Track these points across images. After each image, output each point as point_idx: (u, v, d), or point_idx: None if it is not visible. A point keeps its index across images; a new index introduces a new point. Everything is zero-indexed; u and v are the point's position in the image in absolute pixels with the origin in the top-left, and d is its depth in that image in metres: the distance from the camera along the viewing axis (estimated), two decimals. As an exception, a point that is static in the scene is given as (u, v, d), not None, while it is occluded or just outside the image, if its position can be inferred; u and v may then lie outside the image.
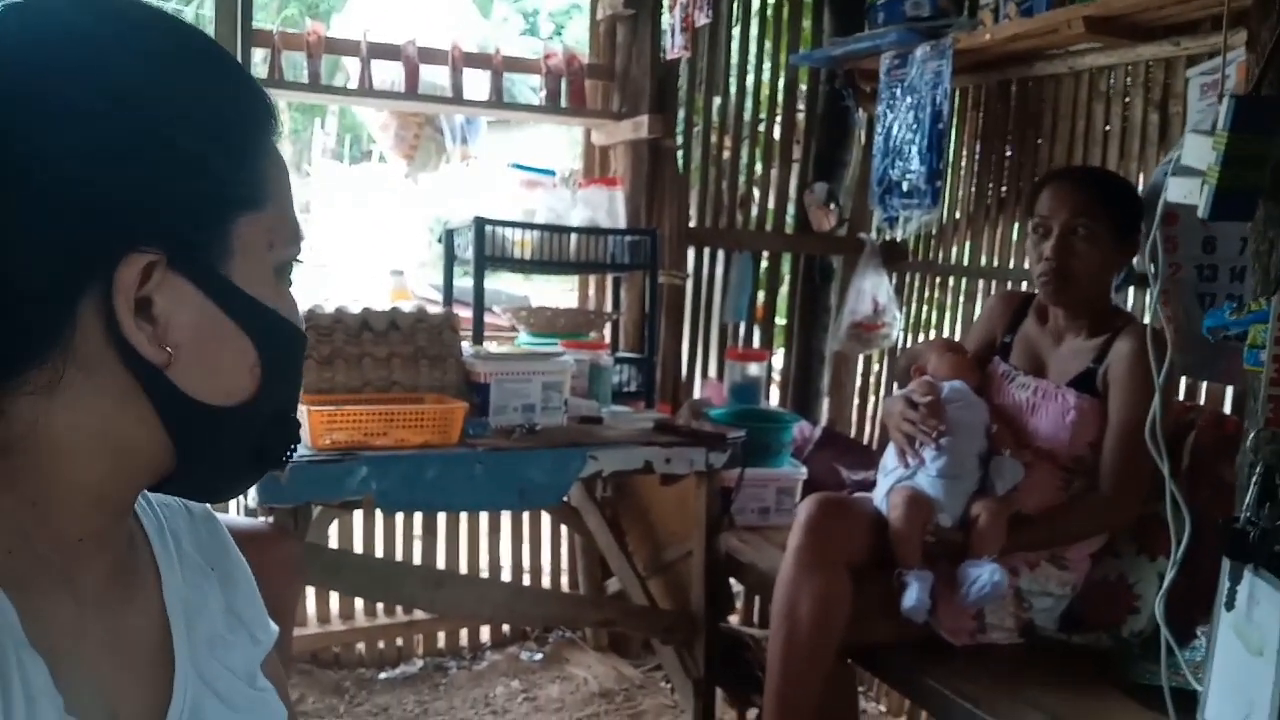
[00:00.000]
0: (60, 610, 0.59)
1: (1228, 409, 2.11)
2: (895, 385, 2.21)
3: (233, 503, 2.37)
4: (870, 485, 2.22)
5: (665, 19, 2.87)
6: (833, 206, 3.15)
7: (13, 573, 0.56)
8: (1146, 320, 1.93)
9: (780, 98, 3.21)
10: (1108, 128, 2.50)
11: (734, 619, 3.03)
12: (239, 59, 2.41)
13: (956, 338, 2.89)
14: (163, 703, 0.64)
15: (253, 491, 1.94)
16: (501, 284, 5.05)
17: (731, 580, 2.65)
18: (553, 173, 2.93)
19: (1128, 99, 2.43)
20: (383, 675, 2.96)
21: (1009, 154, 2.83)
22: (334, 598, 2.98)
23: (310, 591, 2.87)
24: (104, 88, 0.55)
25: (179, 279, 0.58)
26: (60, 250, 0.55)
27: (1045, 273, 1.93)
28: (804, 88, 3.20)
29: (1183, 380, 2.16)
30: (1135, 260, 1.99)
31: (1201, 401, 2.20)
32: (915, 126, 2.63)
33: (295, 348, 0.67)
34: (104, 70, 0.56)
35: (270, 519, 2.06)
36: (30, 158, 0.54)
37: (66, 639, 0.58)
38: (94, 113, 0.55)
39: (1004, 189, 2.83)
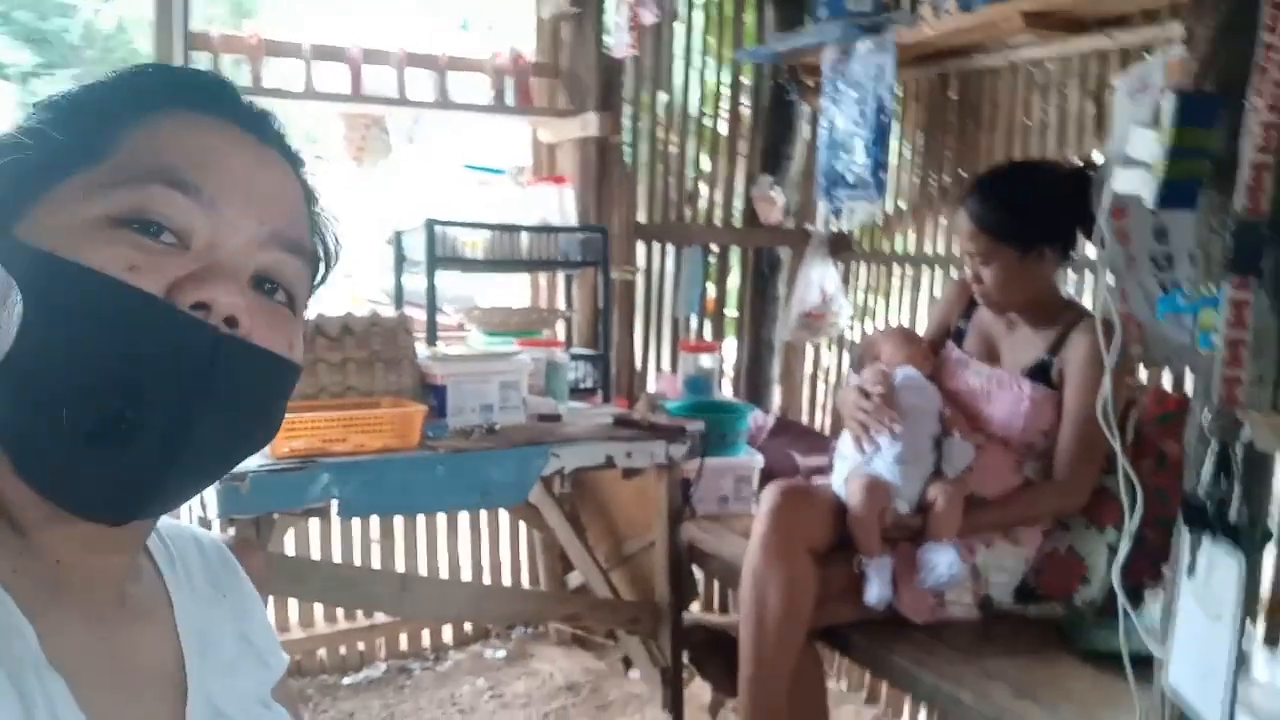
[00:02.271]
0: (71, 634, 0.59)
1: (1167, 385, 2.20)
2: (853, 373, 2.26)
3: (189, 515, 2.34)
4: (824, 470, 2.27)
5: (609, 17, 2.88)
6: (780, 199, 3.20)
7: (23, 593, 0.56)
8: (1090, 306, 2.00)
9: (725, 93, 3.25)
10: (1045, 118, 2.58)
11: (695, 606, 3.07)
12: (180, 61, 2.37)
13: (904, 323, 2.97)
14: None
15: (212, 503, 1.92)
16: (447, 284, 5.01)
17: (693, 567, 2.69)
18: (502, 171, 2.94)
19: (1064, 90, 2.52)
20: (346, 680, 2.94)
21: (949, 145, 2.90)
22: (293, 605, 2.95)
23: (270, 600, 2.83)
24: None
25: None
26: None
27: (979, 294, 2.05)
28: (748, 83, 3.24)
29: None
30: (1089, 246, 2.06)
31: (1144, 379, 2.29)
32: (859, 119, 2.69)
33: (82, 295, 0.54)
34: None
35: (232, 531, 2.04)
36: None
37: (80, 663, 0.58)
38: None
39: (946, 179, 2.91)
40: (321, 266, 0.69)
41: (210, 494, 1.88)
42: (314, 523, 2.93)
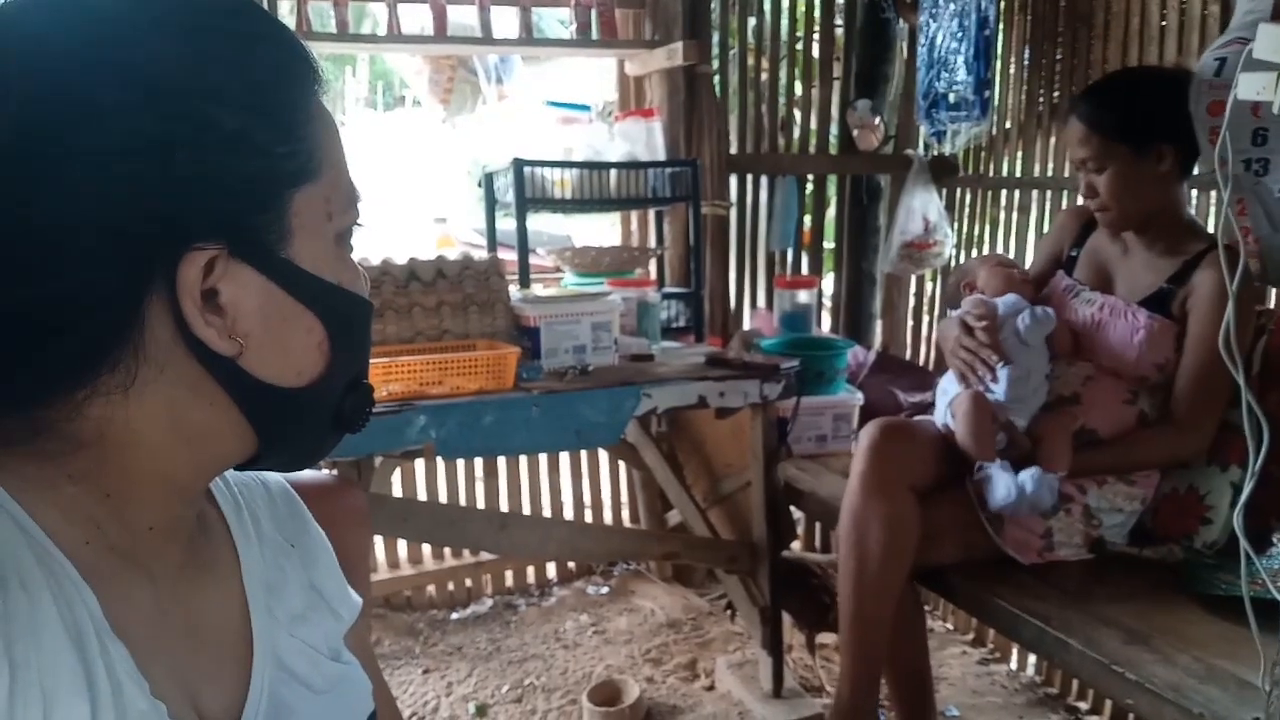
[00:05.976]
0: (137, 598, 0.59)
1: (1301, 310, 2.04)
2: (946, 306, 2.16)
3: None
4: (928, 407, 2.19)
5: (694, -60, 2.78)
6: (878, 123, 3.06)
7: (91, 563, 0.56)
8: (1211, 228, 1.85)
9: (817, 14, 3.11)
10: (1164, 23, 2.39)
11: (796, 545, 3.04)
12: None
13: (1011, 252, 2.83)
14: (242, 687, 0.65)
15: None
16: (542, 224, 5.02)
17: (791, 508, 2.66)
18: (588, 108, 2.89)
19: (1186, -10, 2.32)
20: (454, 615, 3.04)
21: (1059, 57, 2.71)
22: (402, 544, 3.05)
23: (379, 539, 2.93)
24: (138, 78, 0.53)
25: (242, 267, 0.57)
26: (115, 257, 0.53)
27: (1095, 210, 1.92)
28: (841, 1, 3.09)
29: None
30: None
31: (1272, 305, 2.13)
32: (960, 34, 2.54)
33: (361, 317, 0.66)
34: (137, 58, 0.53)
35: (334, 471, 2.10)
36: (68, 161, 0.51)
37: (145, 626, 0.59)
38: (129, 106, 0.52)
39: (1056, 95, 2.73)
40: None
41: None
42: (419, 464, 3.01)
